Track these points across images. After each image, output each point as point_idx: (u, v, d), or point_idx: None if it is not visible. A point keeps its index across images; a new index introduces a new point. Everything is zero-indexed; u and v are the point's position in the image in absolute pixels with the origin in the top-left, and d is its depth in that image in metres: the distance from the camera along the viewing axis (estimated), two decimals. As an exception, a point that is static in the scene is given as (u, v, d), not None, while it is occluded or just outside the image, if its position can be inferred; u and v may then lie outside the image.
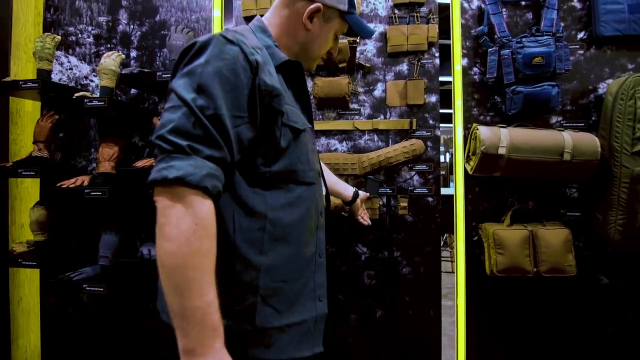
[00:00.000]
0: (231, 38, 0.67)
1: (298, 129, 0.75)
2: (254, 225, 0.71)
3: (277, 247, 0.73)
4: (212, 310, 0.58)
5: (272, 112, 0.70)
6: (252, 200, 0.71)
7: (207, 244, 0.59)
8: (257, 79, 0.67)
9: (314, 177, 0.80)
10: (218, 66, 0.64)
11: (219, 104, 0.62)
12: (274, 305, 0.72)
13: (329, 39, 0.86)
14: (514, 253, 1.46)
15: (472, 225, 1.63)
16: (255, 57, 0.67)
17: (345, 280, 1.69)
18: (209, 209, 0.60)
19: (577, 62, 1.61)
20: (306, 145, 0.78)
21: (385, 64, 1.69)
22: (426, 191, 1.65)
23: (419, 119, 1.67)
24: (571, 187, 1.60)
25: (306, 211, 0.77)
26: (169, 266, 0.57)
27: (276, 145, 0.72)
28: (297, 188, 0.76)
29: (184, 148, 0.59)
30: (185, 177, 0.57)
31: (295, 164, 0.75)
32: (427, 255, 1.65)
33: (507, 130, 1.48)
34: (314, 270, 0.80)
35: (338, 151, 1.71)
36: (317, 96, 1.64)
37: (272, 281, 0.72)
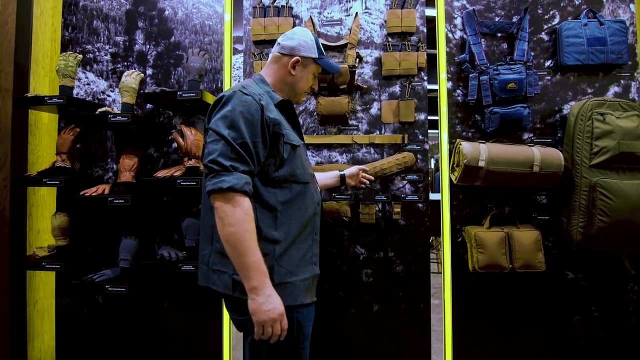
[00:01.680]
0: (246, 92, 1.03)
1: (294, 145, 1.10)
2: (270, 214, 1.04)
3: (286, 228, 1.06)
4: (262, 262, 0.96)
5: (276, 135, 1.05)
6: (266, 197, 1.04)
7: (252, 225, 0.97)
8: (264, 116, 1.02)
9: (308, 178, 1.14)
10: (241, 110, 0.99)
11: (244, 135, 0.98)
12: (286, 267, 1.05)
13: (309, 79, 1.23)
14: (493, 252, 1.69)
15: (457, 228, 1.85)
16: (262, 101, 1.03)
17: (346, 278, 1.88)
18: (249, 204, 0.97)
19: (545, 87, 1.86)
20: (301, 156, 1.14)
21: (380, 86, 1.91)
22: (417, 198, 1.87)
23: (410, 134, 1.88)
24: (541, 194, 1.85)
25: (304, 202, 1.11)
26: (234, 241, 0.94)
27: (281, 157, 1.06)
28: (297, 187, 1.10)
29: (228, 167, 0.95)
30: (234, 186, 0.94)
31: (294, 170, 1.09)
32: (417, 255, 1.86)
33: (485, 146, 1.71)
34: (311, 244, 1.14)
35: (339, 162, 1.91)
36: (321, 113, 1.84)
37: (283, 252, 1.05)
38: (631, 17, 1.87)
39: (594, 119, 1.67)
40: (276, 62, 1.19)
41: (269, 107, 1.05)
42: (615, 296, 1.81)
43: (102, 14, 2.04)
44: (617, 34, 1.80)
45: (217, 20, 1.99)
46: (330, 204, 1.83)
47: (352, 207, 1.87)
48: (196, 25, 2.00)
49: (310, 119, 1.93)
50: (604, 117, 1.66)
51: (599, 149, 1.65)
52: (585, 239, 1.67)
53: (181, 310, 1.91)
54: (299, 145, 1.13)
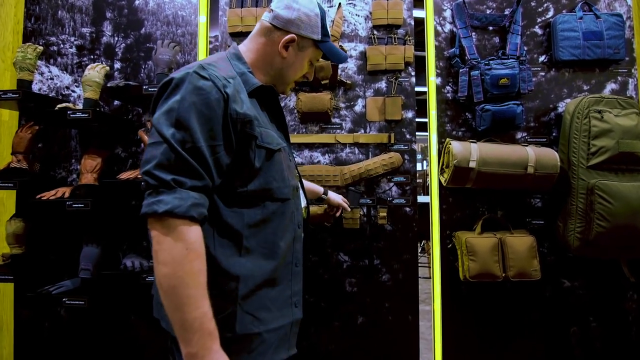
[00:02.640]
0: (204, 74, 0.73)
1: (272, 149, 0.81)
2: (232, 241, 0.78)
3: (254, 259, 0.79)
4: (207, 319, 0.67)
5: (245, 137, 0.76)
6: (230, 219, 0.77)
7: (198, 264, 0.68)
8: (229, 109, 0.73)
9: (289, 193, 0.86)
10: (193, 101, 0.70)
11: (196, 137, 0.69)
12: (253, 313, 0.78)
13: (304, 66, 0.93)
14: (485, 259, 1.57)
15: (447, 233, 1.73)
16: (227, 89, 0.74)
17: (328, 288, 1.74)
18: (196, 234, 0.69)
19: (539, 83, 1.76)
20: (281, 164, 0.84)
21: (365, 82, 1.79)
22: (404, 202, 1.74)
23: (397, 133, 1.76)
24: (535, 197, 1.74)
25: (281, 225, 0.83)
26: (167, 287, 0.66)
27: (251, 167, 0.78)
28: (271, 205, 0.82)
29: (168, 182, 0.67)
30: (173, 209, 0.66)
31: (269, 183, 0.81)
32: (405, 263, 1.74)
33: (477, 145, 1.59)
34: (291, 279, 0.87)
35: (321, 163, 1.78)
36: (301, 111, 1.71)
37: (250, 291, 0.78)
38: (628, 10, 1.77)
39: (591, 116, 1.57)
40: (264, 36, 0.88)
41: (238, 97, 0.76)
42: (614, 305, 1.70)
43: (68, 3, 1.89)
44: (614, 27, 1.70)
45: (190, 11, 1.85)
46: (311, 208, 1.70)
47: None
48: (168, 16, 1.86)
49: (291, 116, 1.80)
50: (601, 114, 1.56)
51: (596, 148, 1.54)
52: (582, 245, 1.56)
53: (150, 324, 1.75)
54: (280, 149, 0.84)
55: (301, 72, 0.94)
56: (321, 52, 0.93)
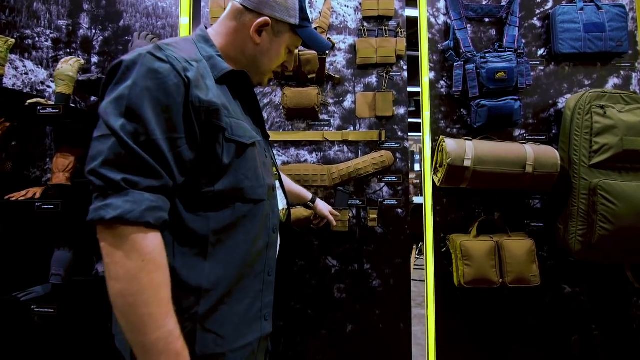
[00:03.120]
0: (160, 55, 0.62)
1: (244, 144, 0.71)
2: (195, 249, 0.67)
3: (219, 270, 0.68)
4: (173, 338, 0.58)
5: (211, 128, 0.66)
6: (193, 223, 0.67)
7: (158, 277, 0.58)
8: (190, 96, 0.63)
9: (263, 193, 0.75)
10: (147, 87, 0.59)
11: (151, 128, 0.59)
12: (216, 331, 0.68)
13: (281, 53, 0.82)
14: (481, 264, 1.47)
15: (441, 236, 1.63)
16: (188, 72, 0.63)
17: (315, 294, 1.65)
18: (155, 242, 0.59)
19: (538, 78, 1.67)
20: (254, 160, 0.74)
21: (355, 76, 1.70)
22: (395, 203, 1.65)
23: (388, 130, 1.67)
24: (534, 198, 1.64)
25: (253, 230, 0.73)
26: (122, 306, 0.57)
27: (218, 163, 0.67)
28: (243, 207, 0.71)
29: (118, 183, 0.56)
30: (124, 215, 0.55)
31: (241, 182, 0.70)
32: (396, 267, 1.64)
33: (472, 143, 1.50)
34: (262, 290, 0.76)
35: (308, 162, 1.69)
36: (287, 107, 1.62)
37: (213, 306, 0.68)
38: (631, 1, 1.68)
39: (594, 112, 1.48)
40: (235, 19, 0.77)
41: (202, 83, 0.66)
42: (617, 312, 1.61)
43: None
44: (617, 19, 1.61)
45: (171, 2, 1.76)
46: (297, 210, 1.60)
47: (323, 213, 1.65)
48: (148, 7, 1.77)
49: (276, 113, 1.71)
50: (604, 110, 1.46)
51: (599, 146, 1.45)
52: (584, 249, 1.47)
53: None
54: (253, 143, 0.74)
55: (278, 61, 0.83)
56: (300, 38, 0.82)
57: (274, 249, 0.81)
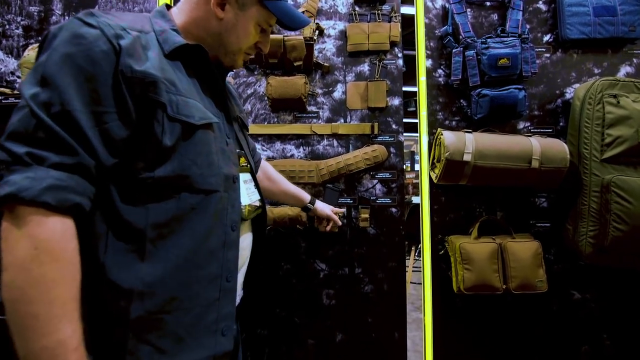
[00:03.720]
0: (90, 21, 0.55)
1: (192, 125, 0.62)
2: (131, 245, 0.58)
3: (159, 270, 0.59)
4: (63, 349, 0.49)
5: (148, 104, 0.58)
6: (128, 215, 0.58)
7: (53, 271, 0.49)
8: (120, 65, 0.55)
9: (216, 183, 0.65)
10: (68, 53, 0.53)
11: (67, 98, 0.52)
12: (153, 342, 0.58)
13: (249, 30, 0.72)
14: (482, 268, 1.34)
15: (438, 237, 1.50)
16: (121, 40, 0.56)
17: (302, 301, 1.52)
18: (54, 229, 0.50)
19: (544, 66, 1.54)
20: (207, 145, 0.65)
21: (345, 64, 1.57)
22: (389, 201, 1.52)
23: (381, 123, 1.54)
24: (541, 196, 1.51)
25: (203, 226, 0.63)
26: (7, 300, 0.48)
27: (158, 145, 0.58)
28: (190, 198, 0.62)
29: (20, 157, 0.49)
30: (18, 193, 0.48)
31: (188, 168, 0.61)
32: (390, 271, 1.51)
33: (472, 136, 1.37)
34: (218, 298, 0.65)
35: (294, 157, 1.56)
36: (271, 97, 1.49)
37: (150, 312, 0.58)
38: (645, -17, 1.55)
39: (605, 102, 1.35)
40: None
41: (140, 53, 0.58)
42: (631, 321, 1.47)
43: (14, -21, 1.68)
44: (629, 2, 1.48)
45: (149, -14, 1.64)
46: (281, 209, 1.48)
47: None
48: (124, -9, 1.65)
49: (260, 104, 1.59)
50: (617, 99, 1.33)
51: (612, 139, 1.32)
52: (596, 252, 1.34)
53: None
54: (207, 125, 0.65)
55: (248, 39, 0.73)
56: (271, 13, 0.72)
57: (234, 250, 0.69)
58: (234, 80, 1.59)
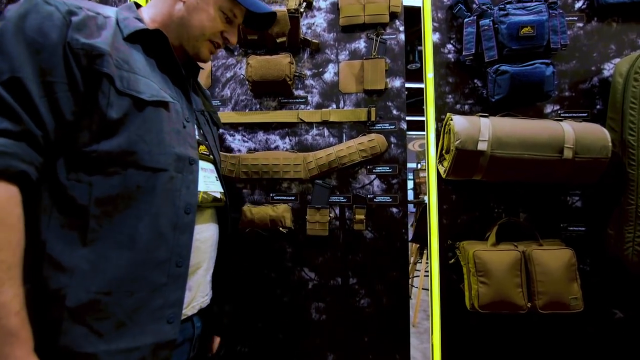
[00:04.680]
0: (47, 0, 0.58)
1: (141, 100, 0.62)
2: (73, 222, 0.58)
3: (103, 249, 0.58)
4: (5, 312, 0.50)
5: (94, 75, 0.58)
6: (72, 190, 0.58)
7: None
8: (68, 37, 0.57)
9: (165, 162, 0.64)
10: (21, 25, 0.55)
11: (16, 66, 0.54)
12: (90, 324, 0.56)
13: (211, 14, 0.73)
14: (501, 282, 1.10)
15: (448, 243, 1.27)
16: (73, 16, 0.58)
17: (288, 314, 1.31)
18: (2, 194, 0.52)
19: (576, 37, 1.28)
20: (158, 123, 0.64)
21: (338, 41, 1.35)
22: (389, 200, 1.30)
23: (380, 108, 1.32)
24: (574, 194, 1.25)
25: (151, 206, 0.62)
26: None
27: (103, 117, 0.59)
28: (137, 175, 0.61)
29: None
30: None
31: (134, 144, 0.61)
32: (391, 283, 1.28)
33: (489, 121, 1.13)
34: (165, 283, 0.63)
35: (279, 149, 1.35)
36: (251, 79, 1.29)
37: (89, 292, 0.57)
38: None
39: (657, 77, 1.08)
40: None
41: (92, 29, 0.60)
42: (688, 347, 1.20)
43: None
44: (684, -43, 1.21)
45: (119, -40, 1.47)
46: (262, 208, 1.27)
47: (296, 213, 1.31)
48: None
49: (241, 89, 1.39)
50: (673, 73, 1.07)
51: (667, 122, 1.06)
52: (645, 262, 1.08)
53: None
54: (160, 103, 0.64)
55: (211, 25, 0.74)
56: None
57: (187, 234, 0.66)
58: (211, 62, 1.40)
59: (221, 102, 1.38)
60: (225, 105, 1.38)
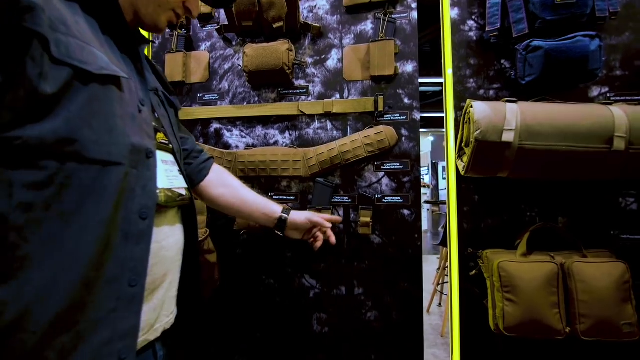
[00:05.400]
0: None
1: (88, 73, 0.47)
2: None
3: (30, 271, 0.42)
4: None
5: (22, 34, 0.42)
6: None
7: None
8: None
9: (119, 154, 0.50)
10: None
11: None
12: None
13: None
14: (533, 300, 0.91)
15: (469, 252, 1.09)
16: None
17: (287, 324, 1.20)
18: None
19: (629, 4, 1.05)
20: (110, 105, 0.50)
21: (342, 24, 1.22)
22: (400, 200, 1.14)
23: (389, 96, 1.17)
24: (628, 194, 1.03)
25: (98, 210, 0.48)
26: None
27: (34, 91, 0.43)
28: (79, 170, 0.46)
29: None
30: None
31: (77, 129, 0.46)
32: (402, 295, 1.13)
33: (517, 106, 0.95)
34: (115, 309, 0.49)
35: (279, 144, 1.24)
36: (247, 69, 1.19)
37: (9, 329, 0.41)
38: None
39: None
40: None
41: None
42: None
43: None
44: None
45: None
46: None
47: (296, 214, 1.20)
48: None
49: (239, 81, 1.29)
50: None
51: None
52: None
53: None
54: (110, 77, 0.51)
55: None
56: None
57: (143, 244, 0.54)
58: (209, 54, 1.32)
59: (219, 95, 1.30)
60: (223, 99, 1.30)
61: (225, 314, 1.25)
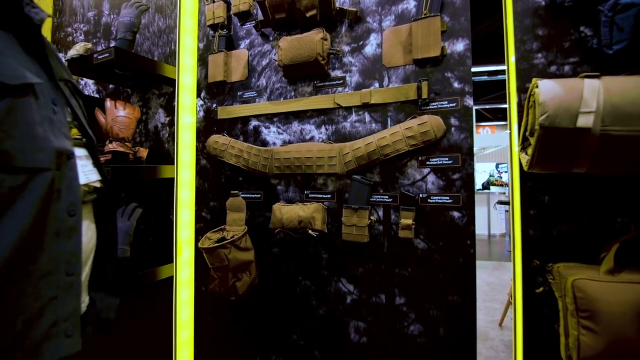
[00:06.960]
0: None
1: (4, 85, 0.48)
2: None
3: None
4: None
5: None
6: None
7: None
8: None
9: (45, 160, 0.54)
10: None
11: None
12: None
13: None
14: (620, 331, 0.70)
15: (535, 264, 0.89)
16: None
17: (324, 329, 1.14)
18: None
19: None
20: (28, 113, 0.52)
21: (381, 5, 1.10)
22: (449, 200, 0.99)
23: (435, 81, 1.02)
24: None
25: (27, 213, 0.51)
26: None
27: None
28: (9, 180, 0.49)
29: None
30: None
31: (1, 142, 0.48)
32: (451, 309, 0.98)
33: (598, 82, 0.74)
34: (56, 296, 0.56)
35: (315, 140, 1.18)
36: (282, 63, 1.15)
37: None
38: None
39: None
40: None
41: None
42: None
43: (78, -11, 1.82)
44: None
45: (172, -35, 1.52)
46: (291, 208, 1.13)
47: (333, 214, 1.12)
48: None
49: (276, 76, 1.26)
50: None
51: None
52: None
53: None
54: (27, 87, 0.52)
55: None
56: None
57: (74, 238, 0.60)
58: (248, 51, 1.31)
59: (257, 92, 1.29)
60: (261, 96, 1.28)
61: (262, 312, 1.24)
